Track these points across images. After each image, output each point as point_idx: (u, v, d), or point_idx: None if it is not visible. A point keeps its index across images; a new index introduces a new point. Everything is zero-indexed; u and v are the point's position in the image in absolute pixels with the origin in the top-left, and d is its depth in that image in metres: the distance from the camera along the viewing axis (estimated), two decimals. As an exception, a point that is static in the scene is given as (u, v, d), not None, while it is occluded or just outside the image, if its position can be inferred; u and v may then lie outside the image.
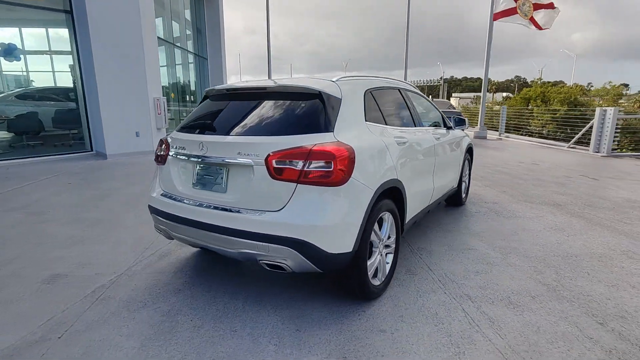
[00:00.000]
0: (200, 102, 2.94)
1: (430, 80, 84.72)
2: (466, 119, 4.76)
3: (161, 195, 2.67)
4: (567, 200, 5.13)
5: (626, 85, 36.87)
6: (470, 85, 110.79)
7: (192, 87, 14.34)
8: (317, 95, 2.36)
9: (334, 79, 2.62)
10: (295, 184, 2.10)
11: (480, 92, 14.78)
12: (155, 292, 2.71)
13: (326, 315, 2.42)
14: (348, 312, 2.45)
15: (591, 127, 9.60)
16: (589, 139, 9.69)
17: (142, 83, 8.57)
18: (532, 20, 15.54)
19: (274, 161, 2.13)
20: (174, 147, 2.63)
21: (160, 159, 2.73)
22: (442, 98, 76.17)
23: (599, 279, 2.89)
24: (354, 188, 2.21)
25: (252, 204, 2.21)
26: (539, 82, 23.71)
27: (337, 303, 2.55)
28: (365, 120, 2.61)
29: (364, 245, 2.31)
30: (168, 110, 9.66)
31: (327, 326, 2.30)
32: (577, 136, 10.24)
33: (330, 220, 2.11)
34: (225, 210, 2.27)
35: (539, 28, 15.96)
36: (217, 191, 2.36)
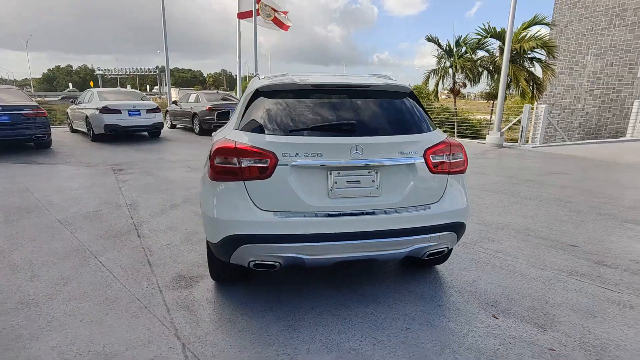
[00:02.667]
0: (255, 99, 2.40)
1: (141, 69, 78.94)
2: None
3: (274, 216, 2.11)
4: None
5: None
6: (183, 76, 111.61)
7: None
8: (410, 94, 2.59)
9: (393, 78, 2.84)
10: (447, 175, 2.36)
11: (192, 85, 15.93)
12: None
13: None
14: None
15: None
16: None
17: None
18: (277, 21, 17.89)
19: (430, 156, 2.28)
20: (294, 154, 2.12)
21: (263, 171, 2.11)
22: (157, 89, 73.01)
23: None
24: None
25: (417, 201, 2.27)
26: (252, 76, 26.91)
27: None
28: None
29: None
30: None
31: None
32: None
33: (468, 200, 2.50)
34: (387, 212, 2.20)
35: (285, 29, 18.59)
36: (367, 195, 2.20)
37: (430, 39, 15.65)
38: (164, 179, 6.00)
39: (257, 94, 2.43)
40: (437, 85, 15.96)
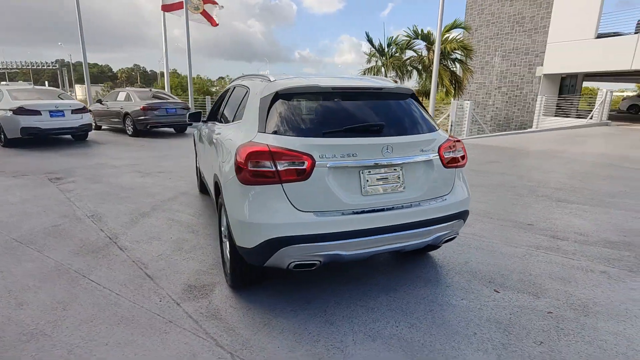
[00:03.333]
0: (275, 101, 2.41)
1: (36, 62, 69.49)
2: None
3: (315, 216, 2.17)
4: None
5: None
6: (89, 71, 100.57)
7: None
8: (412, 95, 2.81)
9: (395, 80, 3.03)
10: (455, 168, 2.64)
11: (101, 81, 15.04)
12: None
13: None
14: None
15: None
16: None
17: None
18: (206, 14, 17.08)
19: (443, 152, 2.53)
20: (332, 156, 2.19)
21: (300, 173, 2.15)
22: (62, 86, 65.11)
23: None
24: None
25: (434, 193, 2.49)
26: (174, 72, 25.79)
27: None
28: None
29: None
30: None
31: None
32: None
33: (469, 190, 2.80)
34: (412, 206, 2.39)
35: (214, 24, 17.79)
36: (394, 191, 2.37)
37: (368, 40, 16.47)
38: (118, 186, 5.53)
39: (277, 96, 2.44)
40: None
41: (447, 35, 15.16)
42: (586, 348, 2.16)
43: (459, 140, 2.72)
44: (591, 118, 15.19)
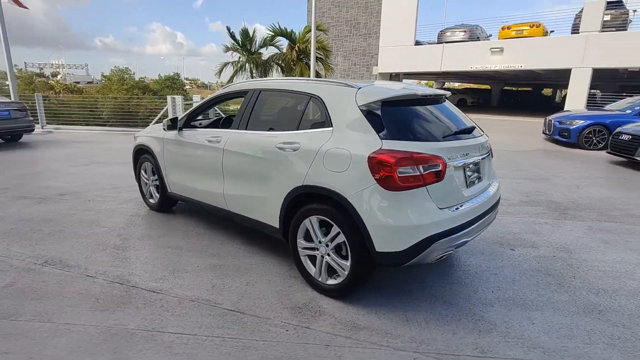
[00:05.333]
0: (384, 109, 2.53)
1: None
2: None
3: (450, 211, 2.45)
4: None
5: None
6: None
7: None
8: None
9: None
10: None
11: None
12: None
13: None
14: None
15: (165, 113, 11.43)
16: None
17: None
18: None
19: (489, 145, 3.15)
20: (454, 157, 2.47)
21: (437, 175, 2.37)
22: None
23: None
24: None
25: (493, 178, 3.09)
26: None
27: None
28: None
29: None
30: None
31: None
32: (155, 119, 11.67)
33: None
34: (490, 190, 2.92)
35: (21, 5, 14.21)
36: (481, 180, 2.84)
37: (230, 34, 15.87)
38: (18, 219, 4.12)
39: (385, 104, 2.54)
40: (232, 77, 16.42)
41: (308, 35, 16.20)
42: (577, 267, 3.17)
43: None
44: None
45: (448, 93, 3.12)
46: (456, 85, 40.07)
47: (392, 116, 2.53)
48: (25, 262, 3.16)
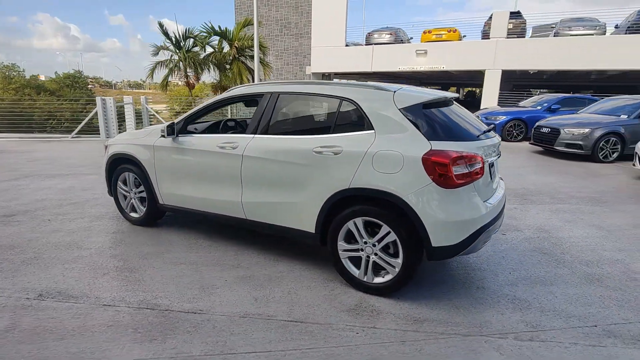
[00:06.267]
0: (424, 110, 2.67)
1: None
2: None
3: (487, 203, 2.68)
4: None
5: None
6: None
7: None
8: None
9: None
10: None
11: None
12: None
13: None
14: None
15: (95, 115, 10.25)
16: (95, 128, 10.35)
17: None
18: None
19: None
20: (487, 154, 2.69)
21: (480, 171, 2.57)
22: None
23: None
24: None
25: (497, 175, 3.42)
26: None
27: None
28: None
29: None
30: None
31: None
32: (81, 124, 10.36)
33: None
34: (500, 187, 3.23)
35: None
36: (495, 176, 3.13)
37: (163, 32, 14.66)
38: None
39: (424, 106, 2.68)
40: (166, 78, 15.28)
41: (242, 32, 15.73)
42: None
43: None
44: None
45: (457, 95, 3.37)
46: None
47: (430, 118, 2.68)
48: (13, 299, 2.67)
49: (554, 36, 16.50)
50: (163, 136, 3.51)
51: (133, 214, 4.12)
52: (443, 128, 2.67)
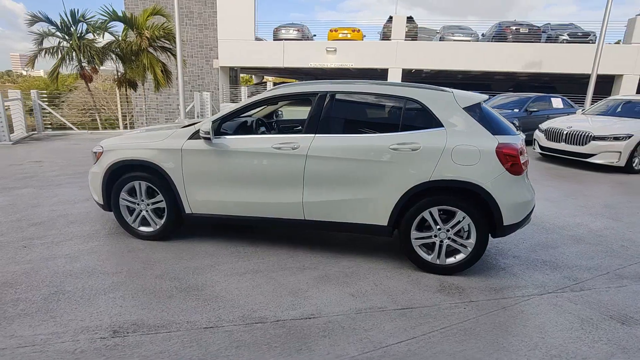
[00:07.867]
0: (481, 109, 3.09)
1: None
2: None
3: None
4: None
5: None
6: None
7: None
8: None
9: None
10: None
11: None
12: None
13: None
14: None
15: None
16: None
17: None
18: None
19: None
20: None
21: (528, 160, 3.10)
22: None
23: None
24: None
25: None
26: None
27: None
28: None
29: None
30: None
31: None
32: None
33: None
34: None
35: None
36: None
37: (45, 17, 11.99)
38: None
39: (480, 105, 3.10)
40: (55, 68, 12.77)
41: (150, 21, 14.05)
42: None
43: None
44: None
45: None
46: (270, 79, 42.30)
47: (486, 115, 3.10)
48: (85, 342, 2.21)
49: (440, 40, 19.09)
50: (207, 138, 3.19)
51: (144, 228, 3.62)
52: (497, 124, 3.11)
